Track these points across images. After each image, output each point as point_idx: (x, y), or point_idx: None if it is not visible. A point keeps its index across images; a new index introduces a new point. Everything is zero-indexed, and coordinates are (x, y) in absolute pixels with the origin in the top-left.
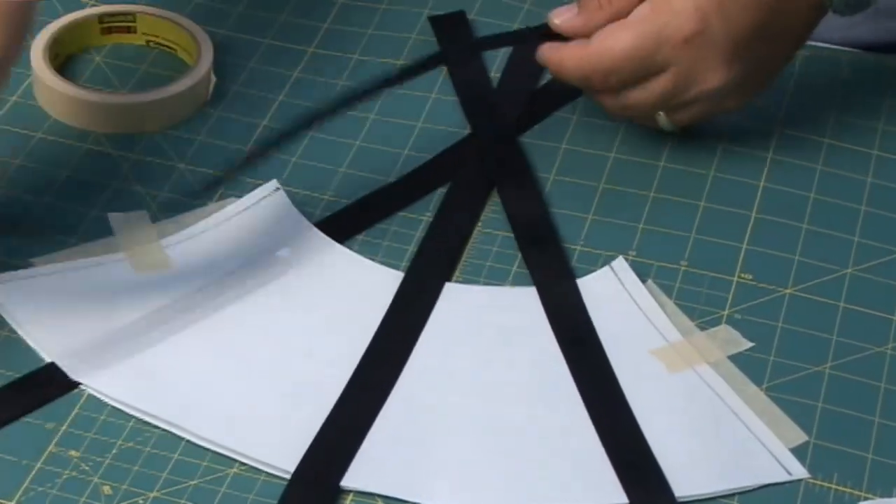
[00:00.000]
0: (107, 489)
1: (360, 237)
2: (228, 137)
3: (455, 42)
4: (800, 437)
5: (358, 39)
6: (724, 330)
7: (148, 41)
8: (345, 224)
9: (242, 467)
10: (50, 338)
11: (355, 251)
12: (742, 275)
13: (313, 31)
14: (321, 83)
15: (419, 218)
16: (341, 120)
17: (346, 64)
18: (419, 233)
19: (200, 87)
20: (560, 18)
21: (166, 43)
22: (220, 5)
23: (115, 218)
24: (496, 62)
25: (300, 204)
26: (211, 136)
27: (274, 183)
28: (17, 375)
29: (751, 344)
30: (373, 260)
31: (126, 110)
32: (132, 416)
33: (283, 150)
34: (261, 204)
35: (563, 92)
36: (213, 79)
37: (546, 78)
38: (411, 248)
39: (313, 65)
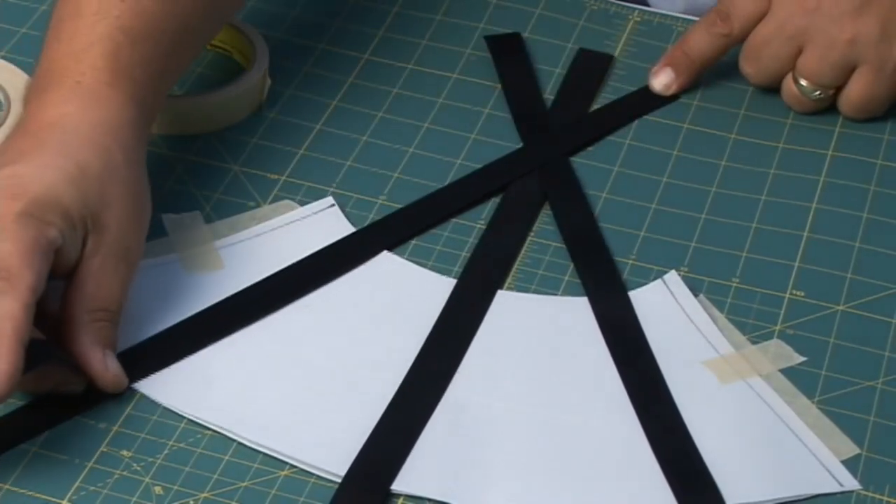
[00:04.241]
0: (158, 489)
1: (412, 242)
2: (282, 140)
3: (511, 64)
4: (852, 449)
5: (412, 49)
6: (775, 344)
7: None
8: (398, 228)
9: (293, 470)
10: None
11: (407, 256)
12: (794, 291)
13: (368, 38)
14: (375, 90)
15: (472, 225)
16: (396, 126)
17: (399, 73)
18: (472, 240)
19: (255, 90)
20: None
21: (222, 45)
22: (275, 9)
23: (169, 219)
24: (550, 83)
25: (353, 207)
26: (265, 138)
27: (329, 199)
28: None
29: (803, 358)
30: (424, 265)
31: (181, 112)
32: (183, 417)
33: (337, 156)
34: (315, 216)
35: (615, 116)
36: (268, 82)
37: (599, 102)
38: (463, 255)
39: (368, 71)
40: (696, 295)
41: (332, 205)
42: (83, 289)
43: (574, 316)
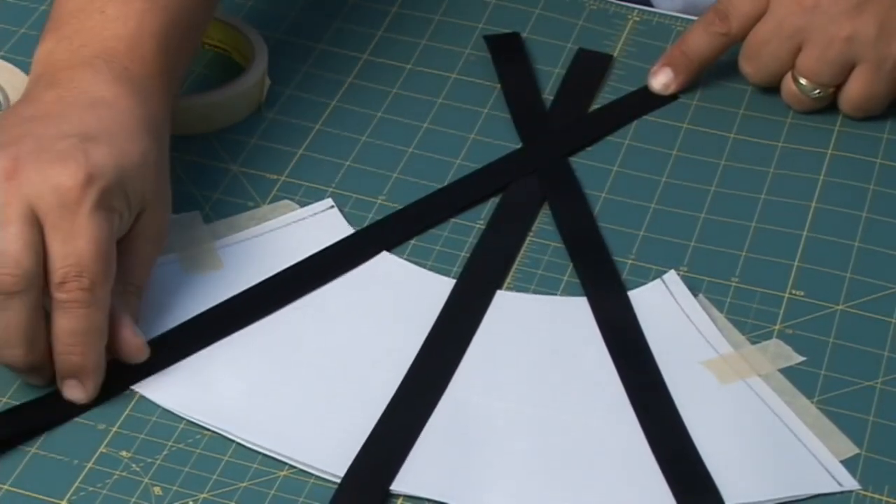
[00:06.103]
0: (157, 490)
1: (411, 242)
2: (282, 140)
3: (510, 64)
4: (851, 449)
5: (412, 49)
6: (775, 344)
7: (203, 43)
8: (397, 228)
9: (292, 470)
10: None
11: (407, 255)
12: (794, 291)
13: (368, 38)
14: (374, 90)
15: (471, 225)
16: (395, 126)
17: (399, 73)
18: (471, 240)
19: (254, 90)
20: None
21: (221, 45)
22: (274, 9)
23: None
24: (550, 83)
25: (353, 207)
26: (264, 138)
27: (329, 201)
28: None
29: (802, 358)
30: (423, 265)
31: (180, 112)
32: (183, 418)
33: (336, 156)
34: (314, 217)
35: (615, 116)
36: (268, 82)
37: (598, 102)
38: (462, 255)
39: (367, 71)
40: (695, 295)
41: (332, 206)
42: (122, 263)
43: (573, 316)
